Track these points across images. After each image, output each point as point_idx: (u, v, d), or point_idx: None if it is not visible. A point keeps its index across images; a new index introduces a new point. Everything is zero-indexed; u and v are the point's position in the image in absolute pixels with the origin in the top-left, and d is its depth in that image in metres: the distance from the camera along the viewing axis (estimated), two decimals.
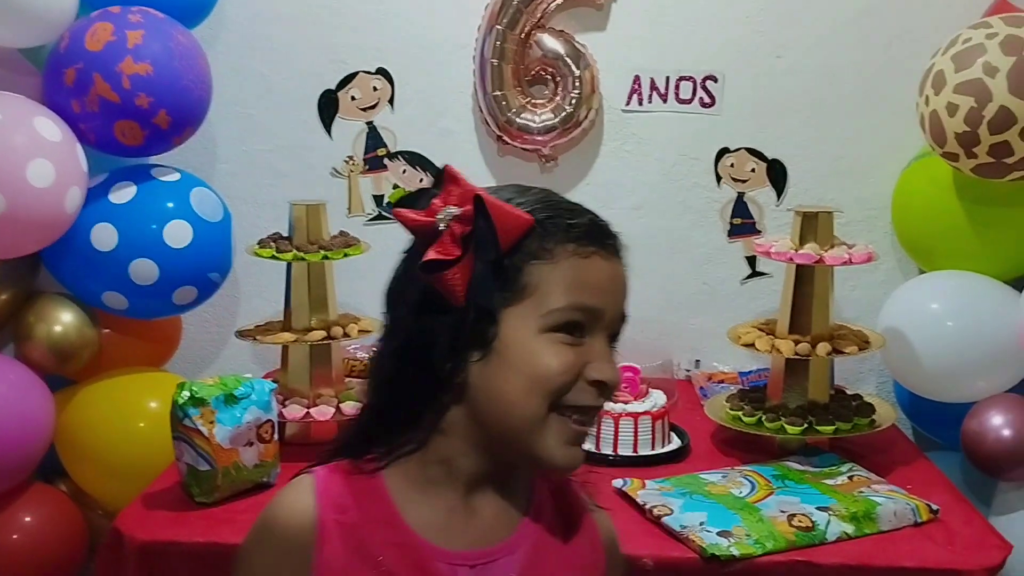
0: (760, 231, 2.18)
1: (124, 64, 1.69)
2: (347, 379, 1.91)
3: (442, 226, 0.83)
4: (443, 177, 0.85)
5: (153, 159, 1.93)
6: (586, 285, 0.84)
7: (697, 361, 2.21)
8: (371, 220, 2.21)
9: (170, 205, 1.83)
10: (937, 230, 1.96)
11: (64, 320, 1.82)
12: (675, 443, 1.78)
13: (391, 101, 2.17)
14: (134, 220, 1.78)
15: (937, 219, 1.94)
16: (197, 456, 1.48)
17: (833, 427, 1.69)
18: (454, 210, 0.83)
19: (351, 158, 2.19)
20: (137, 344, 1.97)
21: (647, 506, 1.48)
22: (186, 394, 1.47)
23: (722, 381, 2.11)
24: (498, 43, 2.04)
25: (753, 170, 2.16)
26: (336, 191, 2.19)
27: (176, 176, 1.88)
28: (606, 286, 0.86)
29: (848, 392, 1.85)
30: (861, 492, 1.53)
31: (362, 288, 2.18)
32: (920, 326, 1.86)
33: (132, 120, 1.72)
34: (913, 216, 2.03)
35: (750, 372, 2.11)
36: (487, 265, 0.82)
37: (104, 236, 1.77)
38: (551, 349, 0.83)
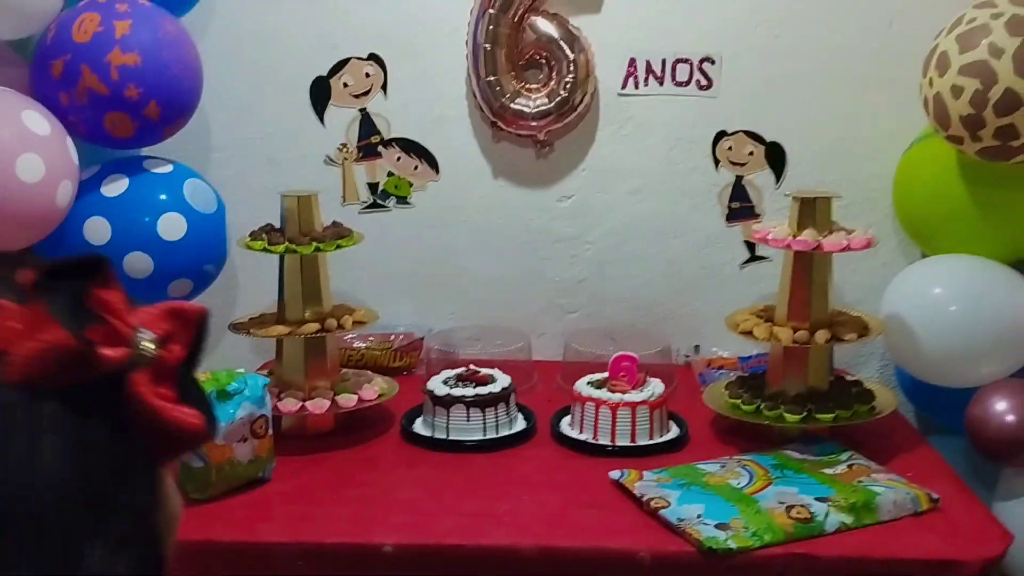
0: (759, 215, 2.16)
1: (112, 55, 1.66)
2: (343, 370, 1.90)
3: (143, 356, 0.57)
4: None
5: (145, 150, 1.92)
6: None
7: (696, 347, 2.20)
8: (366, 208, 2.18)
9: (163, 197, 1.81)
10: (940, 212, 1.93)
11: None
12: (673, 432, 1.76)
13: (384, 87, 2.14)
14: (127, 213, 1.76)
15: (940, 201, 1.91)
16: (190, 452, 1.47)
17: (832, 415, 1.67)
18: (147, 332, 0.58)
19: (344, 145, 2.17)
20: None
21: (644, 498, 1.47)
22: None
23: (721, 367, 2.09)
24: (491, 27, 2.01)
25: (751, 153, 2.13)
26: (330, 179, 2.17)
27: (169, 168, 1.86)
28: None
29: (848, 378, 1.83)
30: (860, 481, 1.52)
31: (357, 277, 2.20)
32: (923, 311, 1.83)
33: (122, 112, 1.70)
34: (915, 198, 2.00)
35: (750, 357, 2.09)
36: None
37: (97, 229, 1.75)
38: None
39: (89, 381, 0.54)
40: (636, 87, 2.11)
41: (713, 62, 2.09)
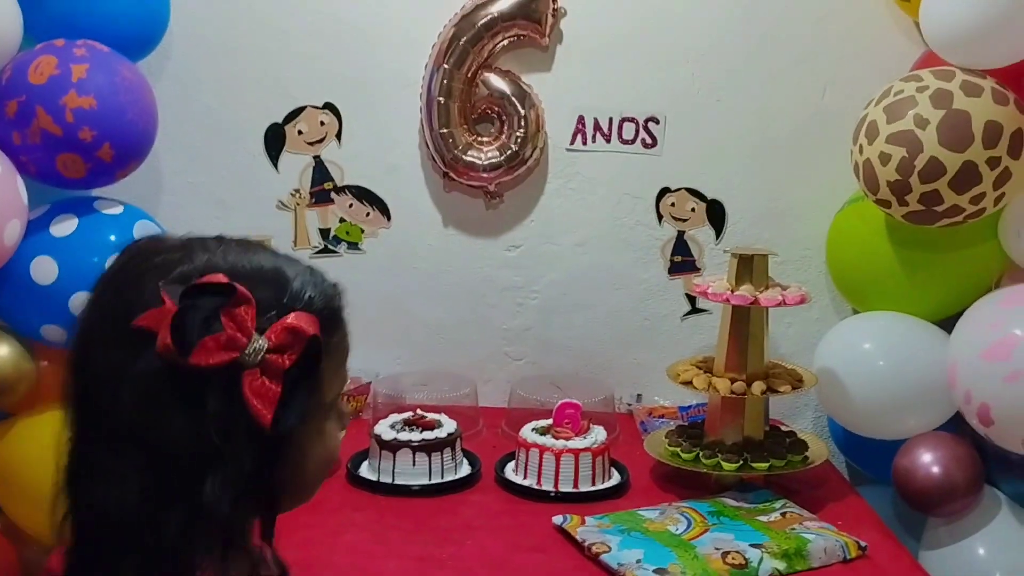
0: (700, 268, 2.23)
1: (68, 97, 1.67)
2: None
3: (254, 359, 0.77)
4: (233, 297, 0.77)
5: (96, 191, 1.92)
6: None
7: (639, 395, 2.25)
8: (317, 253, 2.21)
9: (113, 238, 1.81)
10: (869, 272, 2.02)
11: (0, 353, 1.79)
12: (615, 479, 1.80)
13: (338, 136, 2.18)
14: (75, 253, 1.76)
15: (869, 261, 2.01)
16: None
17: (767, 464, 1.73)
18: (263, 342, 0.77)
19: (298, 191, 2.20)
20: None
21: (585, 543, 1.51)
22: None
23: (662, 416, 2.14)
24: (445, 81, 2.07)
25: (693, 209, 2.22)
26: (282, 224, 2.20)
27: (119, 209, 1.87)
28: None
29: (783, 428, 1.90)
30: (793, 529, 1.57)
31: None
32: (853, 365, 1.91)
33: (75, 153, 1.70)
34: (846, 257, 2.09)
35: (689, 407, 2.15)
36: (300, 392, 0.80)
37: (44, 269, 1.74)
38: (333, 430, 0.90)
39: (209, 370, 0.75)
40: (584, 143, 2.19)
41: (658, 122, 2.17)
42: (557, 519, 1.60)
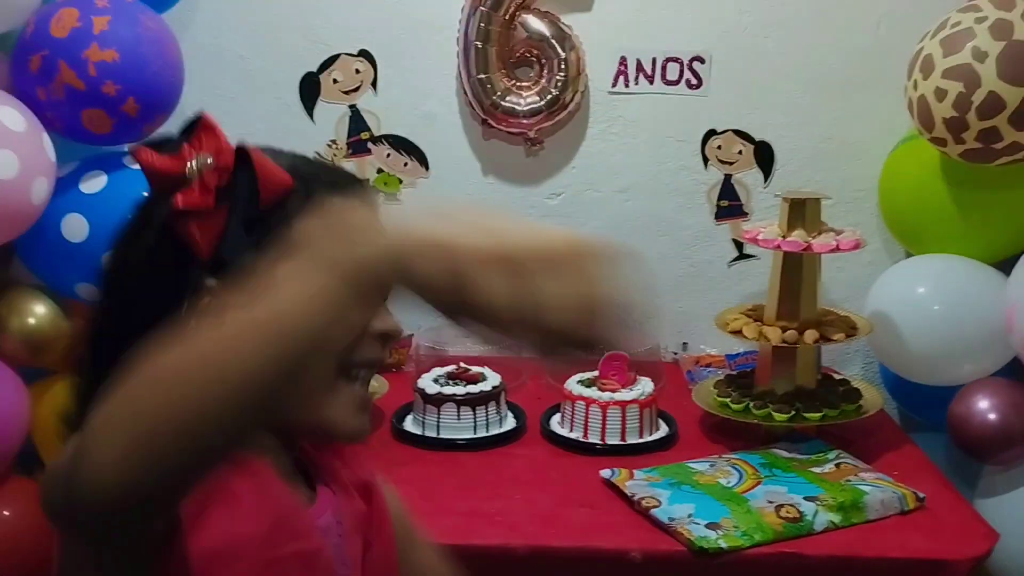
0: (747, 213, 2.17)
1: (90, 51, 1.64)
2: None
3: (193, 173, 0.77)
4: (196, 125, 0.81)
5: (127, 147, 1.90)
6: None
7: (684, 344, 2.21)
8: None
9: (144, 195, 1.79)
10: (924, 213, 1.95)
11: (38, 312, 1.79)
12: (663, 430, 1.77)
13: (374, 84, 2.13)
14: (105, 210, 1.74)
15: (924, 202, 1.94)
16: None
17: (820, 414, 1.69)
18: (208, 158, 0.77)
19: (334, 142, 2.16)
20: None
21: (635, 497, 1.48)
22: None
23: (709, 364, 2.10)
24: (482, 25, 2.00)
25: (740, 152, 2.14)
26: None
27: None
28: None
29: (835, 377, 1.85)
30: (848, 480, 1.53)
31: None
32: (907, 310, 1.85)
33: (99, 108, 1.67)
34: (900, 198, 2.02)
35: (737, 355, 2.09)
36: (241, 220, 0.78)
37: (75, 227, 1.73)
38: (344, 396, 0.82)
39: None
40: (626, 85, 2.11)
41: (703, 61, 2.09)
42: (605, 473, 1.57)
